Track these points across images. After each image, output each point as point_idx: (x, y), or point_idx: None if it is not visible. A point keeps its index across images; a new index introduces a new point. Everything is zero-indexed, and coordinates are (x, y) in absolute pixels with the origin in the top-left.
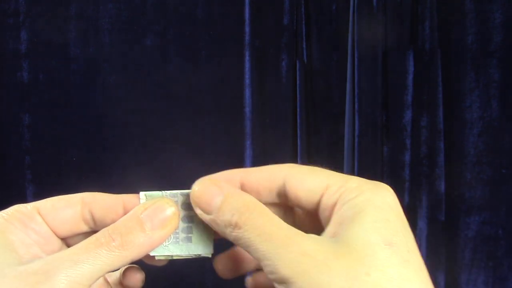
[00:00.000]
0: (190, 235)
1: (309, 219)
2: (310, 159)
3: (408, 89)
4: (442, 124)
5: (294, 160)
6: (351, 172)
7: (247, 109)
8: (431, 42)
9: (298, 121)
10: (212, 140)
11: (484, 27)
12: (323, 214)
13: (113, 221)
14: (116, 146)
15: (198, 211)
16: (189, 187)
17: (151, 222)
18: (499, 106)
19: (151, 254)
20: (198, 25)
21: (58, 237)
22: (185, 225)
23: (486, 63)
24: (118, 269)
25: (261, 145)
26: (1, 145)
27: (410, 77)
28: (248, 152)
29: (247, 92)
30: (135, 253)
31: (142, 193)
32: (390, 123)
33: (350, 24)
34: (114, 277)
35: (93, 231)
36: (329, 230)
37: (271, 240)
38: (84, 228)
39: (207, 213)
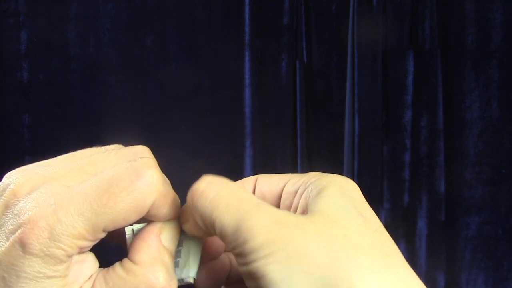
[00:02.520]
0: (178, 259)
1: None
2: (310, 159)
3: (408, 89)
4: (442, 124)
5: (294, 160)
6: (351, 172)
7: (247, 109)
8: (431, 42)
9: (298, 121)
10: (212, 140)
11: (484, 27)
12: (284, 204)
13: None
14: None
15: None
16: (188, 189)
17: (171, 246)
18: (499, 106)
19: None
20: (198, 25)
21: None
22: (177, 249)
23: (486, 63)
24: None
25: (261, 145)
26: (1, 145)
27: (410, 77)
28: (248, 152)
29: (247, 92)
30: None
31: (128, 228)
32: (390, 123)
33: (350, 24)
34: None
35: None
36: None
37: (238, 211)
38: None
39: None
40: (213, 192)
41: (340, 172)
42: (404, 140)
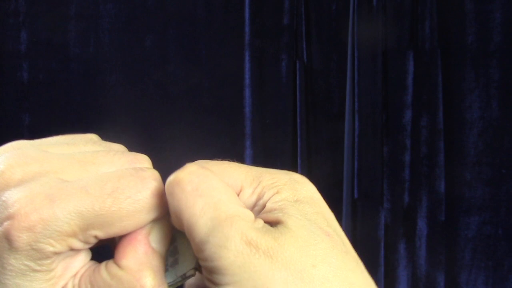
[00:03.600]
0: (176, 256)
1: None
2: (310, 159)
3: (408, 89)
4: (442, 124)
5: (294, 160)
6: (351, 172)
7: (247, 109)
8: (431, 42)
9: (298, 121)
10: (212, 140)
11: (484, 27)
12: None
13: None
14: None
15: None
16: None
17: (161, 247)
18: (499, 106)
19: None
20: (198, 25)
21: None
22: (171, 246)
23: (486, 63)
24: None
25: (261, 145)
26: (1, 145)
27: (410, 77)
28: (248, 152)
29: (247, 92)
30: None
31: None
32: (390, 123)
33: (350, 24)
34: None
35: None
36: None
37: (212, 219)
38: None
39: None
40: (192, 184)
41: (340, 172)
42: (404, 140)
